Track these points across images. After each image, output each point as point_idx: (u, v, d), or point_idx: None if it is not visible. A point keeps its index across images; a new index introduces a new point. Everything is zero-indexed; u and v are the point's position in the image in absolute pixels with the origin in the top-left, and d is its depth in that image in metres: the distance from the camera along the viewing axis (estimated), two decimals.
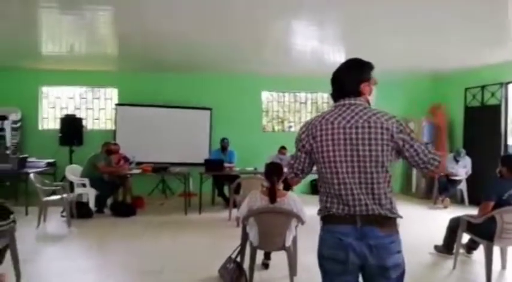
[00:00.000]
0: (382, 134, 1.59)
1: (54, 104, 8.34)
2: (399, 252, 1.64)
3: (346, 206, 1.62)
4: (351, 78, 1.70)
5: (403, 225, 2.47)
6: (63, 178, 6.61)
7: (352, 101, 1.67)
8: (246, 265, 3.34)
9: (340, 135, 1.62)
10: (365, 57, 1.78)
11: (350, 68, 1.74)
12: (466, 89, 7.86)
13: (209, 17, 4.65)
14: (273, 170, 3.29)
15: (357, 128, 1.61)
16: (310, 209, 2.84)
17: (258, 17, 4.65)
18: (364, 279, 1.70)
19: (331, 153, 1.63)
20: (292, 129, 9.15)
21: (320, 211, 1.74)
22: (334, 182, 1.63)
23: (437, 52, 6.33)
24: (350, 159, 1.61)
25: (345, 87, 1.70)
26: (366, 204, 1.60)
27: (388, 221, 1.63)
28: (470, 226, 3.70)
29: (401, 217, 1.67)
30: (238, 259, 3.44)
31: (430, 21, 4.70)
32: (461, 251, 4.05)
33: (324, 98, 9.12)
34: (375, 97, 1.79)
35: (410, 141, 1.62)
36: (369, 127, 1.60)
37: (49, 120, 8.29)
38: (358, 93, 1.69)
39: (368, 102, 1.73)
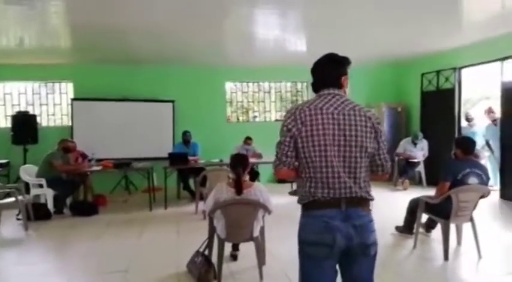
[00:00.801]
0: (365, 121, 1.72)
1: (4, 101, 7.84)
2: (375, 230, 1.79)
3: (332, 190, 1.69)
4: (333, 72, 1.82)
5: None
6: (18, 179, 6.26)
7: (336, 92, 1.78)
8: (214, 258, 3.32)
9: (329, 120, 1.70)
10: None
11: (332, 61, 1.84)
12: (423, 74, 8.16)
13: (170, 7, 4.50)
14: (238, 161, 3.27)
15: (344, 114, 1.71)
16: (276, 198, 2.86)
17: (221, 6, 4.55)
18: (346, 262, 1.76)
19: (321, 137, 1.68)
20: (257, 119, 9.16)
21: (302, 197, 1.76)
22: (323, 165, 1.69)
23: (395, 39, 6.51)
24: (337, 144, 1.69)
25: (328, 79, 1.81)
26: (350, 187, 1.70)
27: (367, 202, 1.77)
28: (429, 206, 3.86)
29: (373, 199, 1.80)
30: (206, 252, 3.42)
31: (388, 9, 4.81)
32: (421, 230, 4.23)
33: (287, 87, 9.16)
34: None
35: (383, 135, 1.79)
36: (355, 115, 1.72)
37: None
38: (339, 86, 1.81)
39: (345, 93, 1.84)
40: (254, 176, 6.37)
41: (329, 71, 1.82)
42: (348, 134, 1.69)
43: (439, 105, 7.70)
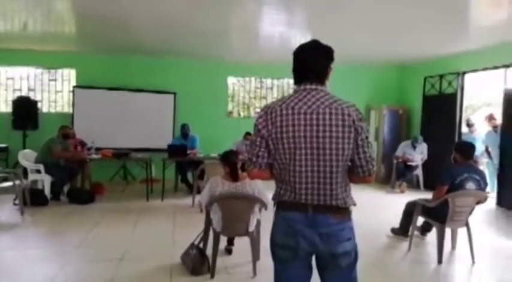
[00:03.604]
0: (343, 120, 1.55)
1: (6, 86, 7.81)
2: (349, 239, 1.63)
3: (298, 195, 1.59)
4: (320, 63, 1.65)
5: (362, 210, 2.52)
6: (16, 164, 6.26)
7: (314, 86, 1.62)
8: (209, 251, 3.32)
9: (300, 121, 1.56)
10: (331, 44, 1.72)
11: (318, 51, 1.66)
12: (425, 78, 8.14)
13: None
14: (229, 153, 3.42)
15: (317, 113, 1.56)
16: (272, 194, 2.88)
17: (226, 0, 4.53)
18: (318, 268, 1.70)
19: (290, 140, 1.56)
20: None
21: (274, 196, 1.72)
22: (291, 168, 1.59)
23: (399, 42, 6.49)
24: (310, 146, 1.56)
25: (314, 71, 1.63)
26: (318, 194, 1.58)
27: (341, 210, 1.61)
28: (425, 210, 3.87)
29: (355, 205, 1.65)
30: (201, 245, 3.43)
31: (394, 12, 4.81)
32: (416, 233, 4.24)
33: (290, 84, 9.13)
34: (337, 85, 1.77)
35: (366, 133, 1.61)
36: (330, 113, 1.55)
37: (0, 102, 7.76)
38: (324, 78, 1.65)
39: (326, 86, 1.68)
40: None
41: (316, 62, 1.64)
42: (321, 135, 1.54)
43: (441, 110, 7.69)
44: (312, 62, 1.65)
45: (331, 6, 4.65)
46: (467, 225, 3.73)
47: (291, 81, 8.90)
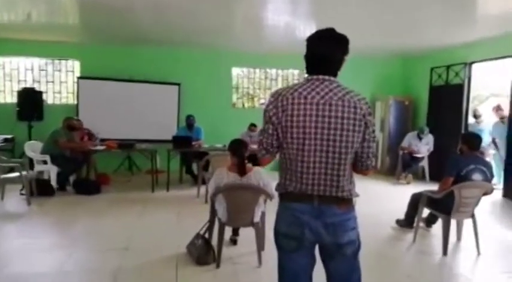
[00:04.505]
0: (355, 113, 1.55)
1: (11, 77, 7.83)
2: (354, 228, 1.66)
3: (304, 185, 1.59)
4: (337, 54, 1.61)
5: (367, 201, 2.51)
6: (23, 154, 6.30)
7: (327, 77, 1.60)
8: (214, 241, 3.34)
9: (312, 111, 1.54)
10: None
11: (336, 41, 1.61)
12: (432, 69, 8.05)
13: None
14: (238, 145, 3.32)
15: (330, 105, 1.54)
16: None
17: None
18: (322, 256, 1.72)
19: (300, 129, 1.55)
20: (264, 106, 9.10)
21: (278, 187, 1.71)
22: (298, 158, 1.58)
23: (405, 32, 6.40)
24: (320, 137, 1.54)
25: (329, 62, 1.60)
26: (325, 185, 1.58)
27: (347, 201, 1.63)
28: (431, 201, 3.85)
29: (358, 196, 1.68)
30: (207, 235, 3.44)
31: (400, 2, 4.72)
32: (421, 225, 4.23)
33: (294, 75, 9.08)
34: (343, 76, 1.74)
35: (372, 126, 1.62)
36: (343, 106, 1.54)
37: (5, 93, 7.79)
38: (338, 69, 1.63)
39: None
40: (256, 162, 6.37)
41: (333, 55, 1.60)
42: (332, 127, 1.54)
43: (447, 101, 7.61)
44: (328, 53, 1.60)
45: None
46: (473, 216, 3.71)
47: (296, 72, 8.93)
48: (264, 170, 3.11)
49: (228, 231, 3.58)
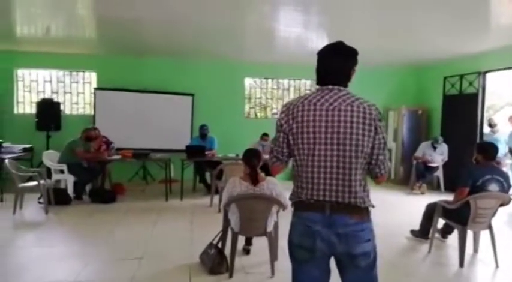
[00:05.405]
0: (364, 118, 1.56)
1: (30, 88, 8.07)
2: (369, 240, 1.62)
3: (316, 191, 1.59)
4: (345, 66, 1.66)
5: (381, 211, 2.51)
6: (40, 164, 6.45)
7: (336, 86, 1.64)
8: (227, 251, 3.35)
9: (322, 117, 1.58)
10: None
11: (344, 54, 1.67)
12: (445, 78, 7.99)
13: (194, 0, 4.53)
14: (252, 155, 3.32)
15: (339, 110, 1.57)
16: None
17: (243, 1, 4.56)
18: (338, 268, 1.71)
19: (311, 135, 1.58)
20: (276, 116, 9.15)
21: (291, 196, 1.72)
22: (309, 164, 1.59)
23: (418, 43, 6.39)
24: (330, 142, 1.57)
25: (338, 74, 1.65)
26: (337, 191, 1.57)
27: (359, 209, 1.60)
28: (446, 211, 3.80)
29: (373, 206, 1.64)
30: (220, 245, 3.46)
31: (412, 13, 4.74)
32: (437, 235, 4.17)
33: (306, 85, 9.11)
34: (355, 86, 1.77)
35: (383, 133, 1.62)
36: (352, 111, 1.57)
37: (25, 104, 8.02)
38: (348, 80, 1.67)
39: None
40: (268, 171, 6.38)
41: (341, 68, 1.65)
42: (342, 131, 1.55)
43: (461, 110, 7.53)
44: (336, 65, 1.66)
45: (348, 7, 4.62)
46: (490, 227, 3.64)
47: (308, 82, 8.97)
48: (278, 179, 3.13)
49: (241, 241, 3.60)
